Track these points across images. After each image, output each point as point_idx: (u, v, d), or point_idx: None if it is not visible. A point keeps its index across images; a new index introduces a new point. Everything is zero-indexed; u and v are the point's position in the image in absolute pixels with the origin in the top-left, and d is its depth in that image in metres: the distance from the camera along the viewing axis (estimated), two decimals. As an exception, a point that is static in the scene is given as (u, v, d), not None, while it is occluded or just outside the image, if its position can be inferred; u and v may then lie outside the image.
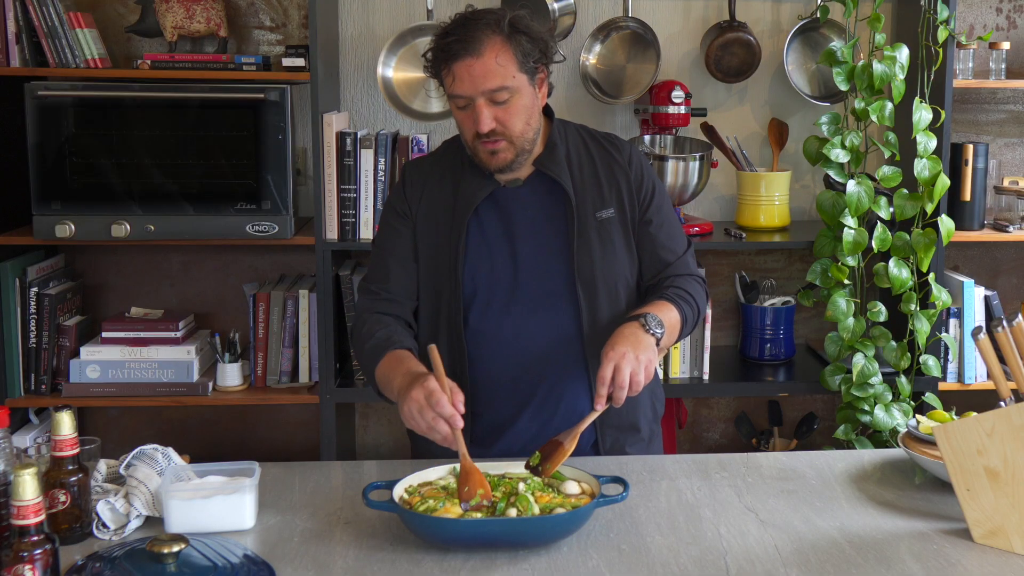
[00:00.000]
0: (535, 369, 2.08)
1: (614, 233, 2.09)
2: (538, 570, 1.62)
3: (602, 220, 2.08)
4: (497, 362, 2.09)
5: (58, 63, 3.02)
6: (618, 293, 2.09)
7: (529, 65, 1.99)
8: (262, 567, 1.60)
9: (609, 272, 2.08)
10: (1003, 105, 3.52)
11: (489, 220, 2.09)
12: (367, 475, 2.00)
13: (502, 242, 2.08)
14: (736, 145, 3.35)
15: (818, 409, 3.55)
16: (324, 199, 3.04)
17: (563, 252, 2.06)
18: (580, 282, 2.05)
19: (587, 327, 2.06)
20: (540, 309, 2.07)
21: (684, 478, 1.98)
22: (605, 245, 2.08)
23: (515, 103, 1.99)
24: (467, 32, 1.95)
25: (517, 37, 1.97)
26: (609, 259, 2.08)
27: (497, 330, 2.07)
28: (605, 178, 2.11)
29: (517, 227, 2.08)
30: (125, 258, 3.40)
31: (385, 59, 3.21)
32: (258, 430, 3.52)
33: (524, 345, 2.07)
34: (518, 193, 2.09)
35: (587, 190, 2.09)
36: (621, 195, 2.11)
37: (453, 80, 1.97)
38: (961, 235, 3.17)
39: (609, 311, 2.08)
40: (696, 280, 2.15)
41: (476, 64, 1.94)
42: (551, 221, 2.08)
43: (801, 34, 3.33)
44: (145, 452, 1.84)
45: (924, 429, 1.99)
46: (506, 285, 2.07)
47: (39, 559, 1.46)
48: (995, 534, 1.71)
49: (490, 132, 1.98)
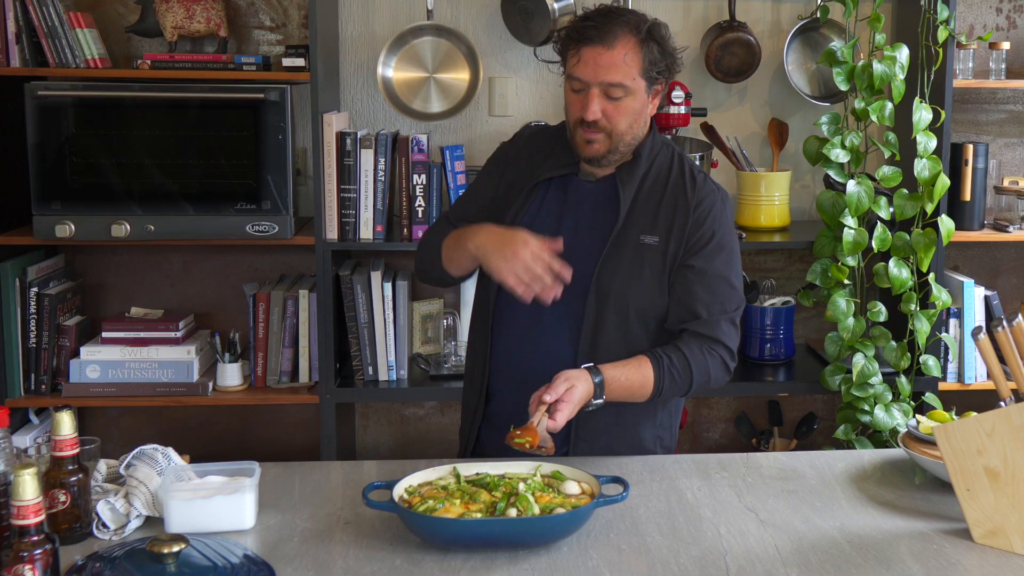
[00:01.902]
0: (536, 355, 2.10)
1: (647, 260, 2.07)
2: (538, 570, 1.62)
3: (643, 244, 2.08)
4: (512, 342, 2.13)
5: (58, 63, 3.02)
6: (628, 316, 2.08)
7: (651, 74, 2.05)
8: (262, 567, 1.60)
9: (625, 294, 2.07)
10: (1003, 105, 3.52)
11: (552, 201, 2.13)
12: (367, 475, 2.00)
13: (550, 225, 2.11)
14: (736, 145, 3.35)
15: (818, 409, 3.55)
16: (324, 199, 3.04)
17: (593, 259, 2.07)
18: (595, 293, 2.06)
19: (585, 339, 2.07)
20: (557, 305, 2.07)
21: (684, 478, 1.98)
22: (633, 268, 2.07)
23: (626, 103, 2.03)
24: (606, 22, 2.02)
25: (650, 44, 2.03)
26: (632, 283, 2.07)
27: (520, 311, 2.10)
28: (666, 206, 2.10)
29: (569, 217, 2.11)
30: (125, 258, 3.40)
31: (385, 59, 3.21)
32: (258, 430, 3.52)
33: (533, 334, 2.11)
34: (586, 187, 2.13)
35: (643, 211, 2.09)
36: (672, 228, 2.08)
37: (578, 62, 2.03)
38: (961, 235, 3.17)
39: (612, 331, 2.07)
40: (712, 348, 2.06)
41: (604, 54, 2.00)
42: (599, 227, 2.09)
43: (801, 34, 3.33)
44: (145, 452, 1.84)
45: (924, 429, 1.99)
46: None
47: (39, 559, 1.46)
48: (995, 534, 1.71)
49: (594, 122, 2.02)
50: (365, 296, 3.12)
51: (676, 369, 2.03)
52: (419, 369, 3.23)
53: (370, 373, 3.16)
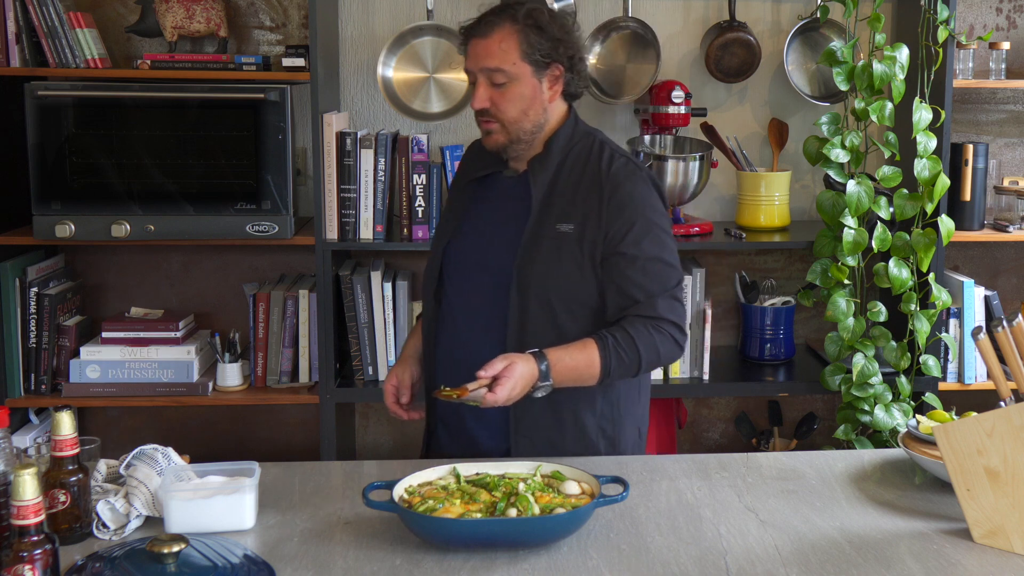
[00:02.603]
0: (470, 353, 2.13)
1: (565, 248, 2.08)
2: (538, 570, 1.62)
3: (560, 232, 2.09)
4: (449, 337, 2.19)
5: (58, 63, 3.02)
6: (551, 306, 2.09)
7: (535, 57, 2.06)
8: (262, 567, 1.60)
9: (545, 283, 2.08)
10: (1003, 105, 3.52)
11: (481, 201, 2.21)
12: (367, 475, 2.01)
13: (481, 224, 2.18)
14: (736, 145, 3.35)
15: (818, 409, 3.55)
16: (324, 199, 3.04)
17: (514, 251, 2.11)
18: (516, 285, 2.09)
19: (512, 330, 2.10)
20: (485, 299, 2.14)
21: (684, 478, 1.98)
22: (551, 257, 2.08)
23: (512, 90, 2.07)
24: (489, 15, 2.10)
25: (528, 29, 2.07)
26: (551, 271, 2.08)
27: (455, 307, 2.18)
28: (582, 193, 2.11)
29: (494, 214, 2.18)
30: (125, 258, 3.40)
31: (385, 59, 3.21)
32: (258, 430, 3.52)
33: (466, 328, 2.16)
34: (504, 183, 2.19)
35: (559, 201, 2.11)
36: (587, 214, 2.09)
37: (467, 56, 2.12)
38: (961, 235, 3.17)
39: (537, 320, 2.09)
40: (658, 326, 2.06)
41: (481, 44, 2.08)
42: (518, 219, 2.13)
43: (801, 34, 3.33)
44: (145, 452, 1.84)
45: (924, 429, 1.99)
46: (469, 266, 2.17)
47: (39, 559, 1.46)
48: (995, 534, 1.71)
49: (483, 111, 2.10)
50: (365, 296, 3.12)
51: (622, 348, 2.03)
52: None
53: (370, 373, 3.16)
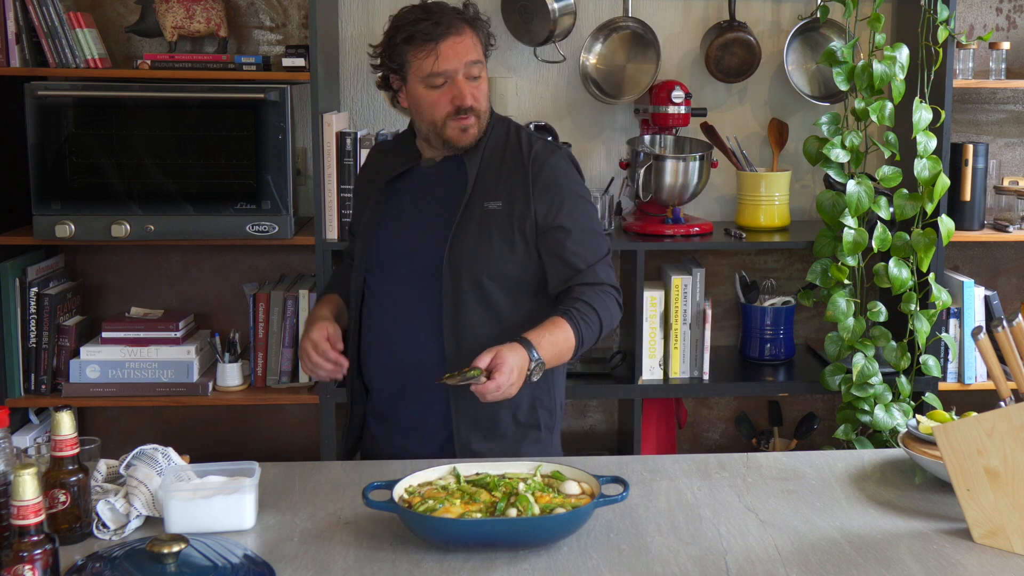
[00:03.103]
0: (397, 343, 2.16)
1: (494, 226, 2.13)
2: (538, 570, 1.62)
3: (488, 210, 2.13)
4: (380, 329, 2.19)
5: (58, 63, 3.02)
6: (483, 286, 2.12)
7: (485, 50, 2.17)
8: (262, 567, 1.60)
9: (477, 262, 2.11)
10: (1003, 105, 3.52)
11: (404, 195, 2.21)
12: (367, 475, 2.00)
13: (405, 216, 2.19)
14: (736, 145, 3.35)
15: (818, 409, 3.55)
16: (324, 199, 3.04)
17: (444, 234, 2.13)
18: (447, 263, 2.11)
19: (447, 311, 2.11)
20: (416, 285, 2.15)
21: (684, 478, 1.98)
22: (481, 235, 2.12)
23: (483, 83, 2.16)
24: (445, 16, 2.11)
25: (478, 23, 2.16)
26: (482, 249, 2.12)
27: (384, 298, 2.19)
28: (506, 172, 2.16)
29: (419, 204, 2.20)
30: (125, 258, 3.40)
31: (385, 59, 3.20)
32: (258, 430, 3.52)
33: (398, 316, 2.17)
34: (430, 172, 2.21)
35: (485, 181, 2.16)
36: (514, 192, 2.14)
37: (436, 59, 2.09)
38: (961, 235, 3.17)
39: (470, 300, 2.12)
40: (604, 291, 2.14)
41: (460, 41, 2.10)
42: (446, 203, 2.16)
43: (801, 34, 3.33)
44: (145, 452, 1.84)
45: (924, 429, 1.99)
46: (398, 256, 2.18)
47: (39, 559, 1.46)
48: (995, 534, 1.71)
49: (470, 107, 2.11)
50: (365, 296, 3.12)
51: (586, 317, 2.09)
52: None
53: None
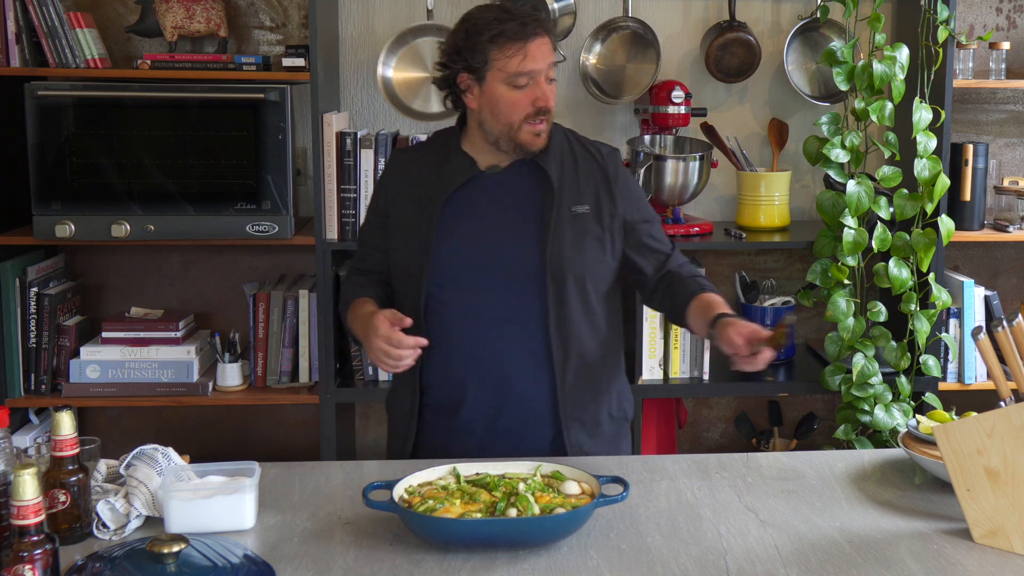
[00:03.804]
0: (498, 349, 2.13)
1: (587, 228, 2.15)
2: (538, 570, 1.62)
3: (577, 214, 2.15)
4: (463, 339, 2.14)
5: (58, 63, 3.02)
6: (585, 285, 2.15)
7: None
8: (262, 567, 1.60)
9: (578, 264, 2.13)
10: (1003, 105, 3.52)
11: (467, 203, 2.16)
12: (367, 475, 2.00)
13: (477, 224, 2.15)
14: (736, 145, 3.35)
15: (818, 409, 3.55)
16: (324, 199, 3.04)
17: (535, 239, 2.12)
18: (550, 270, 2.10)
19: (553, 315, 2.11)
20: (508, 292, 2.12)
21: (684, 478, 1.98)
22: (577, 238, 2.14)
23: (554, 86, 2.15)
24: (528, 17, 2.11)
25: (551, 26, 2.18)
26: (580, 252, 2.14)
27: (466, 308, 2.13)
28: (583, 176, 2.18)
29: (494, 211, 2.15)
30: (125, 258, 3.40)
31: (385, 59, 3.21)
32: (258, 430, 3.52)
33: (490, 325, 2.13)
34: (496, 179, 2.17)
35: (565, 185, 2.16)
36: (598, 195, 2.18)
37: (524, 58, 2.08)
38: (961, 235, 3.17)
39: (575, 301, 2.13)
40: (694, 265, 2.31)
41: (545, 43, 2.10)
42: (527, 208, 2.14)
43: (801, 34, 3.33)
44: (145, 452, 1.84)
45: (924, 429, 1.99)
46: (477, 266, 2.13)
47: (39, 559, 1.46)
48: (995, 534, 1.71)
49: (548, 110, 2.11)
50: (365, 296, 3.12)
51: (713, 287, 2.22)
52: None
53: (370, 373, 3.16)
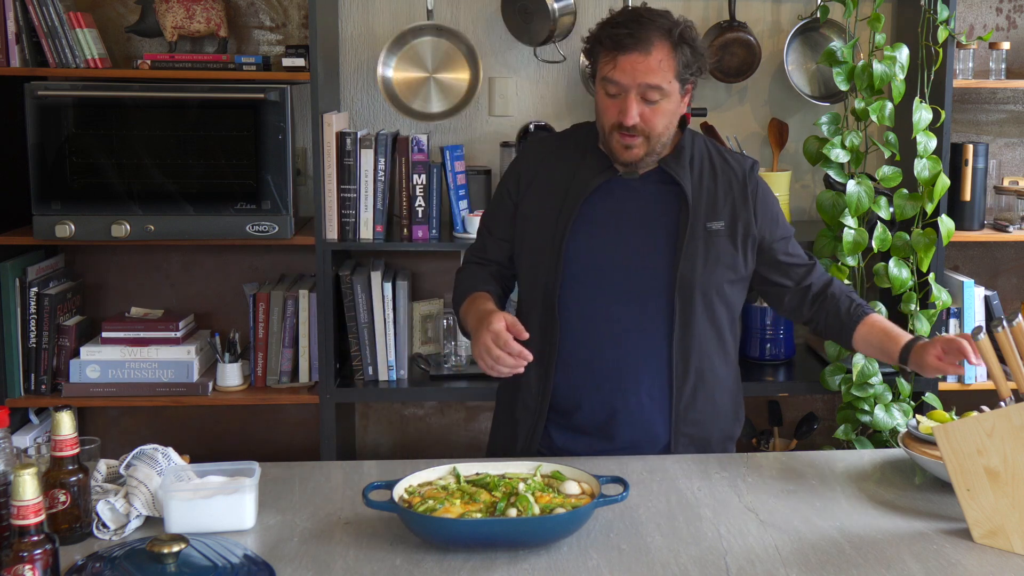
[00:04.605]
0: (617, 357, 2.13)
1: (720, 245, 2.14)
2: (538, 570, 1.62)
3: (711, 231, 2.14)
4: (583, 342, 2.14)
5: (58, 63, 3.02)
6: (712, 303, 2.15)
7: (685, 76, 2.09)
8: (262, 567, 1.60)
9: (708, 281, 2.13)
10: (1003, 105, 3.52)
11: (600, 205, 2.15)
12: (367, 475, 2.01)
13: (609, 228, 2.14)
14: (736, 145, 3.34)
15: (818, 409, 3.55)
16: (324, 199, 3.04)
17: (668, 252, 2.12)
18: (679, 285, 2.11)
19: (677, 330, 2.12)
20: (633, 301, 2.12)
21: (684, 478, 1.98)
22: (709, 255, 2.13)
23: (663, 106, 2.08)
24: (641, 29, 2.05)
25: (683, 47, 2.08)
26: (711, 269, 2.13)
27: (589, 311, 2.14)
28: (722, 191, 2.16)
29: (627, 217, 2.14)
30: (125, 258, 3.40)
31: (385, 59, 3.21)
32: (258, 430, 3.52)
33: (611, 331, 2.13)
34: (633, 185, 2.16)
35: (702, 199, 2.15)
36: (735, 211, 2.16)
37: (614, 68, 2.06)
38: (961, 235, 3.17)
39: (700, 319, 2.13)
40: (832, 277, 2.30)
41: (642, 61, 2.04)
42: (661, 220, 2.14)
43: (801, 34, 3.33)
44: (145, 452, 1.84)
45: (924, 429, 1.99)
46: (605, 270, 2.13)
47: (39, 559, 1.46)
48: (995, 534, 1.71)
49: (632, 127, 2.06)
50: (365, 296, 3.12)
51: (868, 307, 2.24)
52: (419, 369, 3.23)
53: (370, 373, 3.16)
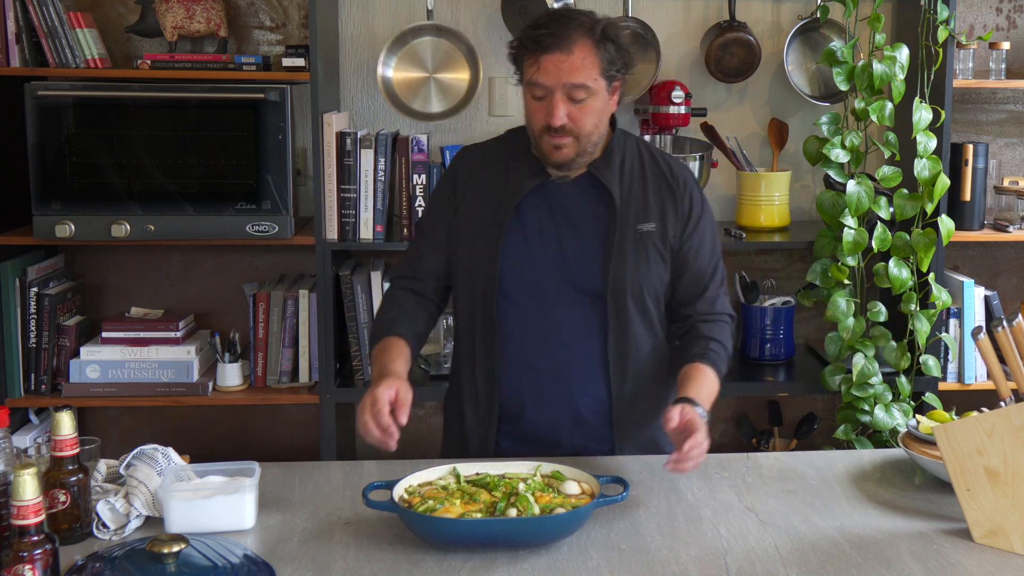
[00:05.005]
0: (557, 362, 2.13)
1: (650, 247, 2.13)
2: (538, 570, 1.62)
3: (642, 232, 2.13)
4: (523, 347, 2.14)
5: (58, 63, 3.02)
6: (646, 304, 2.14)
7: (611, 72, 2.07)
8: (262, 567, 1.60)
9: (639, 283, 2.12)
10: (1003, 105, 3.52)
11: (534, 209, 2.14)
12: (367, 475, 2.01)
13: (543, 232, 2.13)
14: (736, 145, 3.35)
15: (818, 409, 3.55)
16: (324, 199, 3.04)
17: (599, 256, 2.11)
18: (611, 287, 2.10)
19: (612, 332, 2.11)
20: (569, 306, 2.12)
21: (684, 478, 1.98)
22: (639, 256, 2.12)
23: (589, 104, 2.06)
24: (561, 29, 2.03)
25: (606, 44, 2.06)
26: (642, 270, 2.12)
27: (527, 316, 2.13)
28: (653, 194, 2.15)
29: (559, 221, 2.13)
30: (125, 258, 3.40)
31: (385, 59, 3.21)
32: (258, 430, 3.52)
33: (550, 336, 2.13)
34: (565, 189, 2.15)
35: (632, 201, 2.14)
36: (665, 214, 2.15)
37: (537, 70, 2.04)
38: (961, 235, 3.17)
39: (635, 320, 2.12)
40: (725, 321, 2.20)
41: (564, 61, 2.02)
42: (592, 223, 2.13)
43: (801, 34, 3.33)
44: (145, 452, 1.84)
45: (924, 429, 1.99)
46: (540, 275, 2.12)
47: (39, 559, 1.46)
48: (995, 534, 1.71)
49: (560, 127, 2.05)
50: (365, 296, 3.12)
51: (720, 356, 2.13)
52: (419, 369, 3.22)
53: (370, 373, 3.16)
